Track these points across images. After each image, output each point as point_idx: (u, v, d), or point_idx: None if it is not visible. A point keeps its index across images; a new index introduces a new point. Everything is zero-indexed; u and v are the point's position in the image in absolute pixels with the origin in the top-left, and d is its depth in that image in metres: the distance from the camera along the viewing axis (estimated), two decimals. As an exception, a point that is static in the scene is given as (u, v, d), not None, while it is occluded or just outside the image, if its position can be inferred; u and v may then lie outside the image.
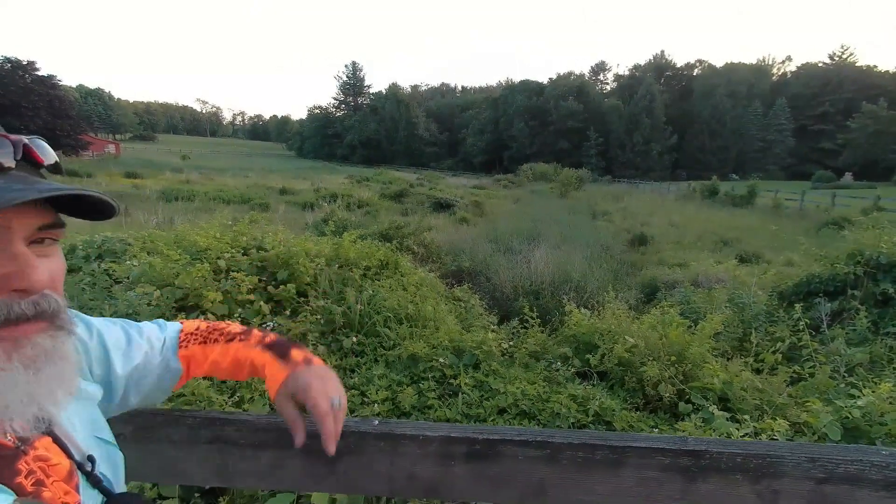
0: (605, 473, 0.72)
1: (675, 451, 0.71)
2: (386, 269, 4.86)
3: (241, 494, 1.74)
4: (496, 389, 2.65)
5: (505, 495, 0.74)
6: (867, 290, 4.05)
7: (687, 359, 2.91)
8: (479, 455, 0.72)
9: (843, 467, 0.70)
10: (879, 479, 0.69)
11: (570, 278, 7.06)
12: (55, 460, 0.51)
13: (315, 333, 3.20)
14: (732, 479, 0.71)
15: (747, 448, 0.71)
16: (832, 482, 0.70)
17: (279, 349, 0.73)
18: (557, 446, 0.72)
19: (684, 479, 0.71)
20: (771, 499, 0.71)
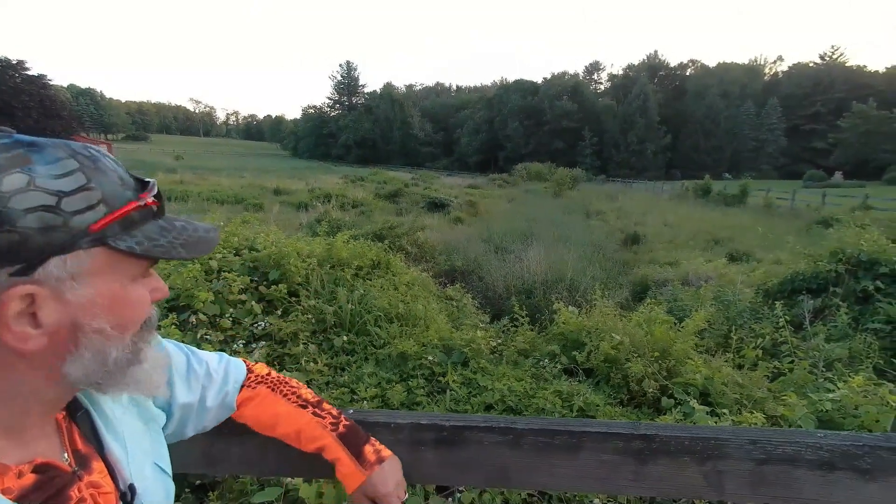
0: (564, 457, 0.77)
1: (629, 435, 0.76)
2: (378, 268, 4.91)
3: (231, 489, 1.78)
4: (484, 386, 2.71)
5: (471, 478, 0.79)
6: (848, 287, 4.14)
7: (671, 355, 2.98)
8: (447, 441, 0.78)
9: (781, 449, 0.75)
10: (814, 459, 0.75)
11: (562, 277, 7.13)
12: (107, 488, 0.52)
13: (306, 333, 3.24)
14: (681, 461, 0.77)
15: (694, 432, 0.77)
16: (771, 462, 0.76)
17: (353, 446, 0.74)
18: (520, 432, 0.77)
19: (637, 462, 0.77)
20: (716, 479, 0.77)
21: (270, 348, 3.06)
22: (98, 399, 0.58)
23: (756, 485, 0.76)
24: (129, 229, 0.46)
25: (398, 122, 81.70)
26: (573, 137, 69.36)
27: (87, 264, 0.44)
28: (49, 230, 0.41)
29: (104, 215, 0.44)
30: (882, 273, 4.09)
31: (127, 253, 0.46)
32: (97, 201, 0.44)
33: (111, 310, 0.46)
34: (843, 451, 0.75)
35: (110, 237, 0.45)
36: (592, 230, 15.43)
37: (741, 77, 72.52)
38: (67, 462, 0.50)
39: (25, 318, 0.42)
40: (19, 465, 0.45)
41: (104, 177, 0.45)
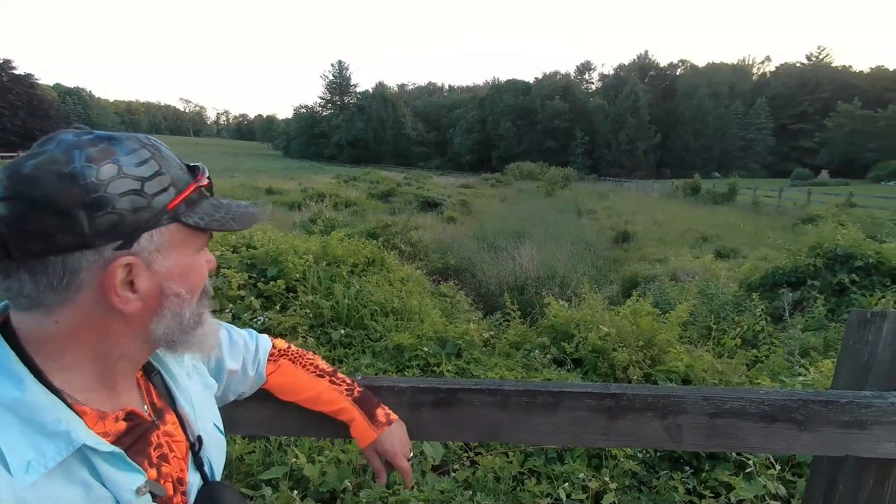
0: (545, 415, 0.89)
1: (600, 394, 0.88)
2: (372, 265, 5.01)
3: (238, 470, 1.89)
4: (477, 376, 2.83)
5: (465, 435, 0.91)
6: (825, 280, 4.32)
7: (655, 345, 3.12)
8: (443, 402, 0.89)
9: (729, 404, 0.88)
10: (758, 413, 0.88)
11: (553, 274, 7.28)
12: (178, 437, 0.61)
13: (304, 327, 3.34)
14: (645, 417, 0.89)
15: (655, 391, 0.89)
16: (722, 416, 0.88)
17: (367, 407, 0.85)
18: (507, 393, 0.89)
19: (607, 418, 0.89)
20: (676, 431, 0.89)
21: (270, 342, 3.15)
22: (168, 363, 0.66)
23: (709, 436, 0.89)
24: (192, 207, 0.54)
25: (390, 121, 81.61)
26: (565, 137, 69.79)
27: (168, 238, 0.52)
28: (139, 210, 0.48)
29: (175, 195, 0.52)
30: (857, 267, 4.27)
31: (194, 227, 0.53)
32: (168, 184, 0.51)
33: (185, 277, 0.55)
34: (782, 404, 0.87)
35: (181, 214, 0.52)
36: (584, 228, 15.62)
37: (730, 77, 73.41)
38: (147, 413, 0.59)
39: (127, 285, 0.50)
40: (115, 412, 0.54)
41: (169, 163, 0.53)
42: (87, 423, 0.50)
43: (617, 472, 1.97)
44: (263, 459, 1.93)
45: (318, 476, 1.73)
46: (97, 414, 0.52)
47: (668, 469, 2.01)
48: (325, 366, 0.91)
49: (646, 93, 69.73)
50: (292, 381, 0.86)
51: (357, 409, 0.85)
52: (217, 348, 0.72)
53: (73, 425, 0.48)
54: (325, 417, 0.87)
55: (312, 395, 0.86)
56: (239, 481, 1.86)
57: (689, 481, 1.98)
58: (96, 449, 0.48)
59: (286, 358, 0.88)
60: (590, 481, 1.75)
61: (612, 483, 1.71)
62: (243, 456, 1.91)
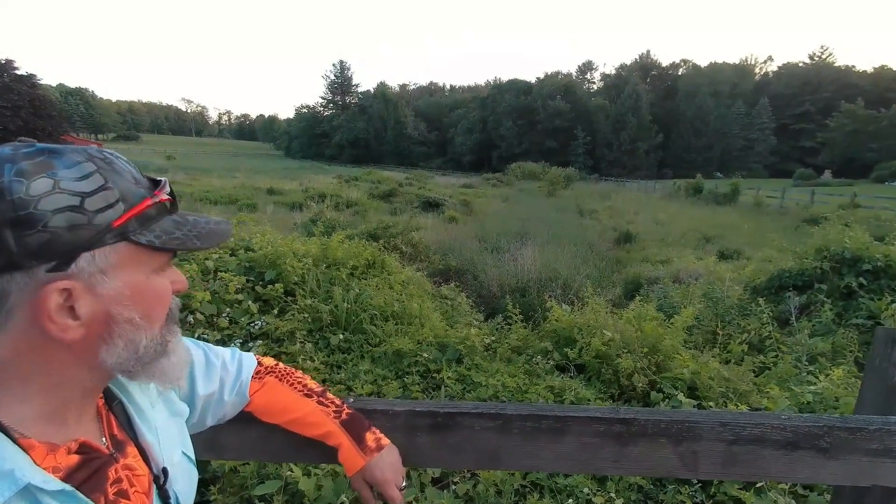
0: (549, 440, 0.83)
1: (609, 419, 0.82)
2: (373, 268, 4.95)
3: (231, 483, 1.83)
4: (478, 382, 2.77)
5: (463, 461, 0.85)
6: (832, 283, 4.25)
7: (660, 351, 3.06)
8: (441, 426, 0.83)
9: (748, 430, 0.82)
10: (779, 439, 0.82)
11: (556, 276, 7.21)
12: (140, 471, 0.57)
13: (303, 331, 3.28)
14: (658, 443, 0.83)
15: (669, 416, 0.83)
16: (740, 443, 0.82)
17: (355, 431, 0.79)
18: (508, 417, 0.83)
19: (617, 444, 0.83)
20: (691, 459, 0.83)
21: (267, 347, 3.10)
22: (131, 391, 0.62)
23: (727, 464, 0.83)
24: (146, 225, 0.50)
25: (392, 121, 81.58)
26: (566, 137, 69.68)
27: (113, 259, 0.48)
28: (76, 228, 0.45)
29: (124, 212, 0.48)
30: (865, 270, 4.20)
31: (147, 246, 0.49)
32: (116, 200, 0.47)
33: (138, 301, 0.50)
34: (805, 431, 0.81)
35: (131, 232, 0.48)
36: (585, 229, 15.56)
37: (732, 77, 73.23)
38: (106, 445, 0.55)
39: (65, 310, 0.46)
40: (66, 444, 0.50)
41: (120, 177, 0.49)
42: (35, 458, 0.46)
43: (623, 485, 1.90)
44: (258, 472, 1.87)
45: (314, 490, 1.67)
46: (46, 447, 0.48)
47: (675, 483, 1.95)
48: (315, 385, 0.84)
49: (647, 92, 69.64)
50: (278, 400, 0.80)
51: (344, 432, 0.79)
52: (185, 378, 0.65)
53: (18, 463, 0.44)
54: (316, 441, 0.81)
55: (298, 417, 0.79)
56: (232, 494, 1.81)
57: (697, 495, 1.92)
58: (43, 488, 0.45)
59: (273, 376, 0.82)
60: (594, 496, 1.69)
61: (617, 498, 1.65)
62: (237, 468, 1.85)
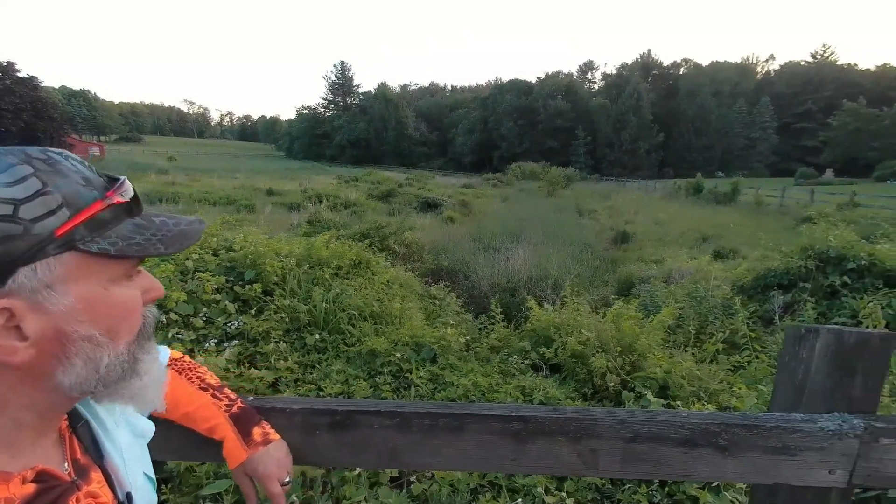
0: (448, 438, 0.82)
1: (507, 417, 0.82)
2: (358, 268, 4.95)
3: (187, 482, 1.83)
4: (449, 382, 2.76)
5: (364, 460, 0.85)
6: (817, 282, 4.23)
7: (635, 350, 3.04)
8: (340, 425, 0.83)
9: (647, 428, 0.81)
10: (678, 437, 0.81)
11: (546, 276, 7.20)
12: (104, 497, 0.53)
13: (279, 331, 3.28)
14: (557, 441, 0.82)
15: (567, 413, 0.82)
16: (639, 441, 0.81)
17: (243, 425, 0.77)
18: (407, 415, 0.82)
19: (516, 442, 0.82)
20: (590, 457, 0.82)
21: (243, 346, 3.10)
22: (97, 411, 0.59)
23: (627, 461, 0.82)
24: (99, 230, 0.45)
25: (393, 122, 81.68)
26: (567, 137, 69.64)
27: (60, 271, 0.43)
28: (9, 240, 0.40)
29: (69, 218, 0.42)
30: (850, 269, 4.17)
31: (100, 255, 0.44)
32: (58, 205, 0.42)
33: (96, 315, 0.45)
34: (703, 429, 0.80)
35: (79, 240, 0.43)
36: (583, 229, 15.54)
37: (733, 76, 73.04)
38: (67, 472, 0.51)
39: (10, 331, 0.42)
40: (22, 472, 0.45)
41: (64, 179, 0.44)
42: None
43: (581, 484, 1.90)
44: (215, 470, 1.87)
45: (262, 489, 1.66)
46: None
47: (633, 483, 1.93)
48: (213, 380, 0.82)
49: (648, 92, 69.51)
50: (172, 393, 0.77)
51: (231, 425, 0.76)
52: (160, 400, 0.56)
53: None
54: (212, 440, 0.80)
55: (190, 411, 0.77)
56: (187, 494, 1.80)
57: (656, 494, 1.91)
58: None
59: (173, 368, 0.80)
60: (547, 496, 1.68)
61: (568, 499, 1.64)
62: (193, 467, 1.85)
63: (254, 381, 2.57)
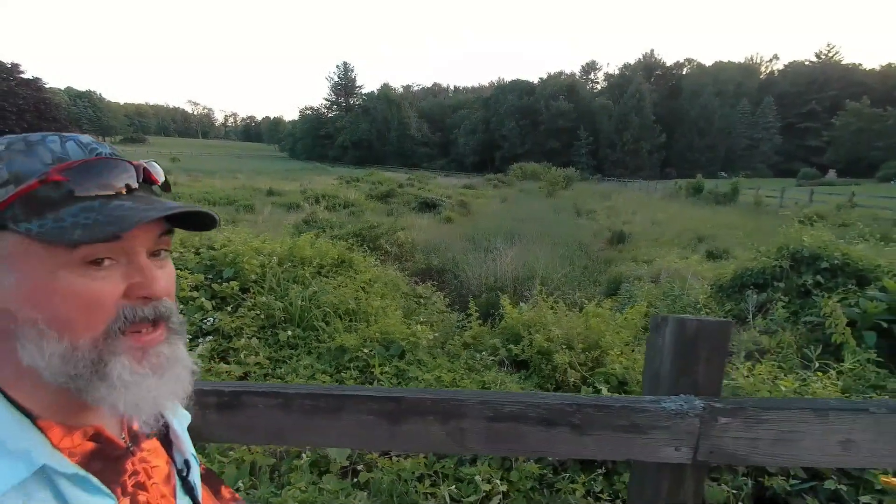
0: (329, 418, 0.90)
1: (382, 398, 0.89)
2: (341, 267, 5.03)
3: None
4: (413, 377, 2.83)
5: (252, 438, 0.92)
6: (791, 281, 4.27)
7: (600, 346, 3.10)
8: (228, 405, 0.90)
9: (507, 408, 0.88)
10: (536, 417, 0.88)
11: (533, 275, 7.26)
12: (155, 463, 0.55)
13: (253, 328, 3.36)
14: (427, 420, 0.89)
15: (436, 395, 0.89)
16: (500, 420, 0.88)
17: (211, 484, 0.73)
18: (290, 396, 0.89)
19: (390, 422, 0.89)
20: (458, 435, 0.89)
21: (216, 342, 3.18)
22: None
23: (491, 439, 0.89)
24: (38, 211, 0.42)
25: (395, 122, 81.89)
26: (569, 137, 69.61)
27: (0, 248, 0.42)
28: None
29: (6, 195, 0.42)
30: (823, 268, 4.21)
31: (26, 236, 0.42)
32: (3, 181, 0.42)
33: (36, 301, 0.43)
34: (559, 409, 0.87)
35: (10, 219, 0.42)
36: (580, 229, 15.57)
37: (736, 76, 72.81)
38: (123, 439, 0.53)
39: None
40: (83, 427, 0.48)
41: (27, 158, 0.43)
42: (53, 439, 0.45)
43: (524, 473, 1.96)
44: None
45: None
46: (63, 429, 0.46)
47: (578, 472, 2.00)
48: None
49: (651, 92, 69.35)
50: None
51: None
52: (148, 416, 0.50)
53: (35, 443, 0.43)
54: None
55: None
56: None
57: (597, 485, 1.97)
58: (59, 470, 0.43)
59: None
60: (484, 484, 1.75)
61: (500, 485, 1.71)
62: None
63: (221, 376, 2.65)
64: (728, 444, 0.86)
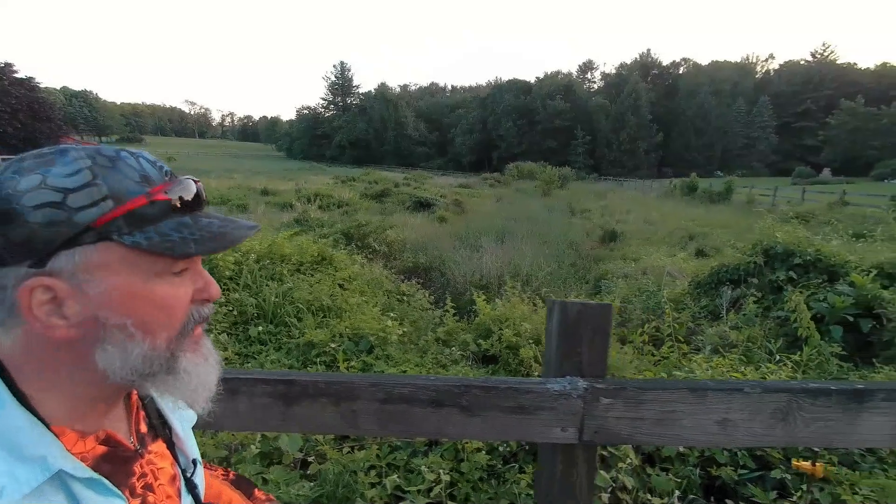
0: (226, 402, 0.91)
1: (273, 381, 0.91)
2: (321, 264, 5.04)
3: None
4: (379, 371, 2.85)
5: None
6: (764, 277, 4.30)
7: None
8: (127, 388, 0.91)
9: (397, 390, 0.90)
10: (425, 398, 0.90)
11: (517, 272, 7.29)
12: (161, 464, 0.58)
13: (224, 324, 3.37)
14: (321, 402, 0.91)
15: (328, 378, 0.91)
16: (392, 402, 0.90)
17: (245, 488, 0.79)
18: (187, 379, 0.91)
19: (284, 403, 0.91)
20: (351, 417, 0.91)
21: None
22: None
23: (383, 421, 0.91)
24: (139, 225, 0.46)
25: (392, 122, 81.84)
26: (566, 136, 69.68)
27: (97, 259, 0.45)
28: (53, 225, 0.42)
29: (110, 210, 0.44)
30: (796, 264, 4.24)
31: (134, 248, 0.45)
32: (102, 197, 0.44)
33: (129, 306, 0.47)
34: (447, 390, 0.89)
35: (114, 232, 0.45)
36: (572, 227, 15.60)
37: (733, 75, 72.98)
38: (132, 442, 0.56)
39: (52, 309, 0.44)
40: (95, 432, 0.51)
41: (117, 174, 0.46)
42: (66, 444, 0.47)
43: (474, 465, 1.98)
44: None
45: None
46: (76, 434, 0.49)
47: (528, 462, 2.02)
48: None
49: (648, 91, 69.45)
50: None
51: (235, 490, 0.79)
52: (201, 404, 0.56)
53: (51, 449, 0.45)
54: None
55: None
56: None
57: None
58: (74, 475, 0.46)
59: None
60: (429, 473, 1.76)
61: (444, 475, 1.72)
62: None
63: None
64: (612, 425, 0.88)
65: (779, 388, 0.85)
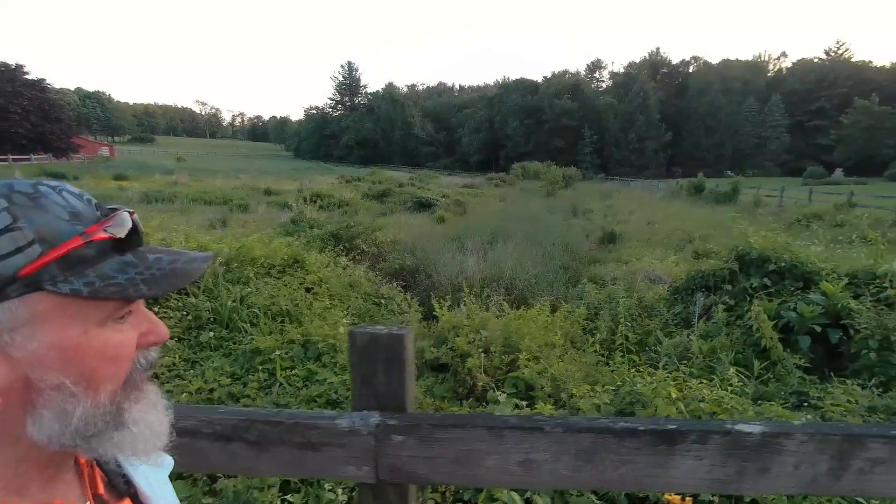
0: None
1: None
2: (292, 267, 5.02)
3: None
4: (322, 379, 2.80)
5: None
6: (738, 285, 4.18)
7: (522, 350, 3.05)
8: None
9: (181, 423, 0.84)
10: (213, 433, 0.84)
11: (501, 275, 7.20)
12: None
13: (177, 329, 3.35)
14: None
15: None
16: (180, 435, 0.84)
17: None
18: None
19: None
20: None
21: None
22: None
23: (177, 455, 0.85)
24: (76, 268, 0.40)
25: (399, 122, 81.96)
26: (573, 136, 69.16)
27: (25, 313, 0.39)
28: None
29: (38, 256, 0.39)
30: (771, 270, 4.11)
31: (73, 297, 0.39)
32: (28, 241, 0.38)
33: (68, 362, 0.41)
34: (233, 425, 0.83)
35: (47, 280, 0.39)
36: (571, 228, 15.45)
37: (744, 74, 71.79)
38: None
39: None
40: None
41: (43, 214, 0.40)
42: None
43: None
44: None
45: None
46: None
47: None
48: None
49: (657, 90, 68.66)
50: None
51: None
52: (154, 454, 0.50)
53: None
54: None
55: None
56: None
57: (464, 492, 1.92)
58: None
59: None
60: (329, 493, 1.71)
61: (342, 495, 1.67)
62: None
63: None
64: (406, 464, 0.81)
65: (582, 427, 0.77)
